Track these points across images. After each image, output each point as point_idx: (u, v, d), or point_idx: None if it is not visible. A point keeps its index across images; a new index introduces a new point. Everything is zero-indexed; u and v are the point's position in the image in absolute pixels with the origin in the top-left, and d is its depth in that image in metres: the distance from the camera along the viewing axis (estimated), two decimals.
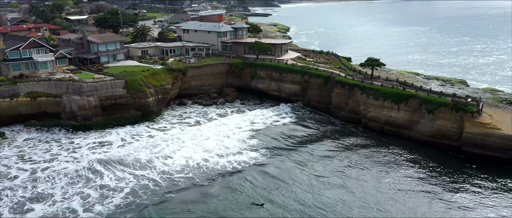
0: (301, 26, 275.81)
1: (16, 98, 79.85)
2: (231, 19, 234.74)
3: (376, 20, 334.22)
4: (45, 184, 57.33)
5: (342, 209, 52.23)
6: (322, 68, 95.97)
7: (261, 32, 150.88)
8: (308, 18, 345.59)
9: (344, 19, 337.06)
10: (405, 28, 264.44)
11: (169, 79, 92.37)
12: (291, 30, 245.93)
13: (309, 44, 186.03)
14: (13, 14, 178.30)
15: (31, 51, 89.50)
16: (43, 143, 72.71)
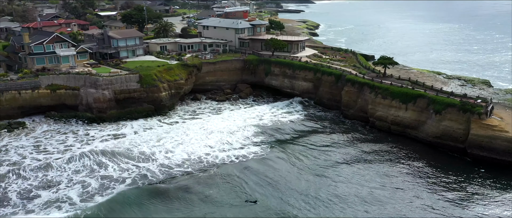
0: (331, 23, 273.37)
1: (37, 90, 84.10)
2: (259, 16, 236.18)
3: (413, 16, 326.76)
4: (54, 173, 60.32)
5: (335, 207, 52.40)
6: (336, 66, 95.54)
7: (283, 29, 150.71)
8: (340, 15, 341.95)
9: (377, 16, 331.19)
10: (441, 25, 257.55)
11: (183, 74, 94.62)
12: (321, 27, 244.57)
13: (335, 41, 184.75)
14: (51, 10, 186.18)
15: (55, 45, 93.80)
16: (60, 135, 75.82)
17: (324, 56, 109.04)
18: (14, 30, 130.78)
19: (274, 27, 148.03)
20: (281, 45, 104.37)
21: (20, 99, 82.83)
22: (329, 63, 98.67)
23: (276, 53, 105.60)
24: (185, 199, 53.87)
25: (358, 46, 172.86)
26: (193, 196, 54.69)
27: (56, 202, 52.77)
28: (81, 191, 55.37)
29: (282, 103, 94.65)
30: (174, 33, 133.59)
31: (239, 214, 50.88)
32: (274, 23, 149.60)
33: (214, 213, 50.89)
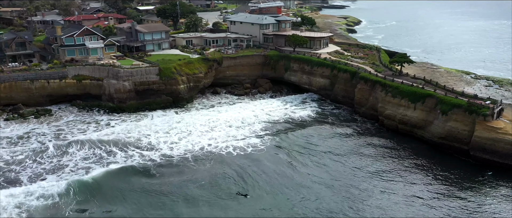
0: (375, 19, 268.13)
1: (64, 80, 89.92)
2: (299, 11, 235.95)
3: (467, 13, 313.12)
4: (65, 158, 64.79)
5: (320, 205, 52.77)
6: (354, 63, 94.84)
7: (315, 25, 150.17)
8: (386, 11, 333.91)
9: (427, 12, 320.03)
10: (492, 22, 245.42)
11: (203, 68, 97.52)
12: (361, 24, 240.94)
13: (372, 38, 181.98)
14: (96, 4, 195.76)
15: (84, 38, 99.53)
16: (82, 124, 79.97)
17: (346, 53, 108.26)
18: (59, 23, 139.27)
19: (305, 23, 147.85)
20: (302, 41, 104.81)
21: (48, 87, 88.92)
22: (348, 60, 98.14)
23: (297, 49, 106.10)
24: (175, 189, 55.99)
25: (396, 43, 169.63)
26: (183, 187, 56.68)
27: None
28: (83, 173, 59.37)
29: (298, 99, 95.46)
30: (204, 27, 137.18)
31: (228, 207, 52.31)
32: (305, 19, 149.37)
33: (202, 204, 52.57)
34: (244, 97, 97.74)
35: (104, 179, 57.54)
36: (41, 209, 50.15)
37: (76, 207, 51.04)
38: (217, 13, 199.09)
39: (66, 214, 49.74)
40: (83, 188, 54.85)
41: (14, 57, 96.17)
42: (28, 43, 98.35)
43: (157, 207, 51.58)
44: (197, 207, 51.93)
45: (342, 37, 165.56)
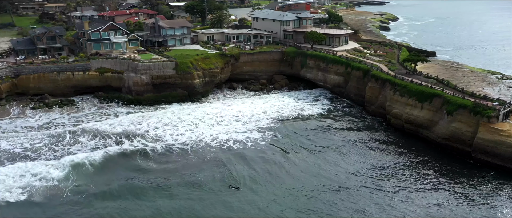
0: (413, 15, 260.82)
1: (88, 72, 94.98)
2: (334, 8, 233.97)
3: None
4: (75, 146, 68.76)
5: (306, 200, 53.54)
6: (369, 61, 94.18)
7: (342, 22, 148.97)
8: (429, 7, 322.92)
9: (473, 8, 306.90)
10: None
11: (219, 63, 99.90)
12: (398, 20, 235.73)
13: (404, 35, 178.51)
14: (133, 0, 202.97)
15: (109, 33, 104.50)
16: (100, 116, 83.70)
17: (365, 50, 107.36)
18: (94, 18, 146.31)
19: (331, 19, 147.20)
20: (320, 38, 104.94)
21: (73, 79, 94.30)
22: (365, 58, 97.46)
23: (316, 46, 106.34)
24: (170, 178, 58.48)
25: (428, 41, 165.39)
26: (178, 176, 59.01)
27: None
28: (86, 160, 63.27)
29: (311, 96, 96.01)
30: (231, 24, 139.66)
31: (217, 198, 53.72)
32: (332, 16, 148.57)
33: (194, 195, 54.58)
34: (259, 93, 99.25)
35: (103, 165, 61.33)
36: (41, 190, 54.19)
37: (74, 189, 54.66)
38: (249, 9, 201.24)
39: (64, 195, 53.40)
40: (82, 173, 58.74)
41: (45, 50, 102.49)
42: (58, 37, 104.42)
43: (144, 193, 54.17)
44: (189, 197, 53.94)
45: (372, 34, 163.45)
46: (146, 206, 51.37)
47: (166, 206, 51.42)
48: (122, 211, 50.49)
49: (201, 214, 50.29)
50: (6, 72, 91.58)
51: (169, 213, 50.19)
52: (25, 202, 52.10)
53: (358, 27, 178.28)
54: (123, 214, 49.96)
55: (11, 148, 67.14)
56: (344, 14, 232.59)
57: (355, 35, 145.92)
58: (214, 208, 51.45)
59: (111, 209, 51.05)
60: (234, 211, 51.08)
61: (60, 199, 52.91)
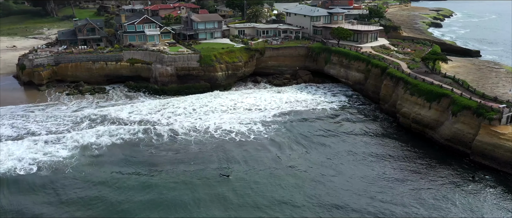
0: (473, 11, 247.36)
1: (120, 62, 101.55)
2: (386, 3, 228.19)
3: None
4: (91, 131, 74.21)
5: (293, 195, 54.74)
6: (391, 58, 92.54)
7: (383, 17, 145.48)
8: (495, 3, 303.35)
9: None
10: None
11: (244, 57, 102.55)
12: (454, 17, 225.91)
13: (453, 32, 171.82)
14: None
15: (144, 26, 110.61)
16: (124, 104, 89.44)
17: (392, 47, 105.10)
18: (142, 11, 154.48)
19: (372, 15, 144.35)
20: (346, 34, 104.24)
21: (106, 68, 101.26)
22: (389, 55, 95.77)
23: (343, 42, 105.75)
24: (166, 165, 61.88)
25: (477, 39, 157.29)
26: (175, 164, 62.09)
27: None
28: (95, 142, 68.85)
29: (330, 92, 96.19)
30: (269, 18, 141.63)
31: (206, 185, 56.03)
32: (372, 12, 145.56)
33: (182, 182, 57.31)
34: (281, 87, 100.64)
35: (108, 149, 66.38)
36: (48, 165, 60.72)
37: (76, 167, 60.45)
38: (293, 4, 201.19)
39: (66, 171, 59.31)
40: (87, 154, 64.45)
41: (85, 41, 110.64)
42: (97, 29, 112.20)
43: (140, 176, 58.25)
44: (181, 182, 57.02)
45: (417, 31, 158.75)
46: (132, 190, 54.78)
47: (153, 189, 54.83)
48: (110, 189, 55.04)
49: (188, 198, 53.22)
50: (48, 60, 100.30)
51: (155, 195, 53.55)
52: (34, 173, 58.80)
53: (405, 23, 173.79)
54: (110, 191, 54.46)
55: (37, 130, 74.01)
56: (395, 10, 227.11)
57: (395, 31, 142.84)
58: (199, 192, 54.30)
59: (102, 185, 56.04)
60: (218, 196, 53.56)
61: (62, 173, 58.81)
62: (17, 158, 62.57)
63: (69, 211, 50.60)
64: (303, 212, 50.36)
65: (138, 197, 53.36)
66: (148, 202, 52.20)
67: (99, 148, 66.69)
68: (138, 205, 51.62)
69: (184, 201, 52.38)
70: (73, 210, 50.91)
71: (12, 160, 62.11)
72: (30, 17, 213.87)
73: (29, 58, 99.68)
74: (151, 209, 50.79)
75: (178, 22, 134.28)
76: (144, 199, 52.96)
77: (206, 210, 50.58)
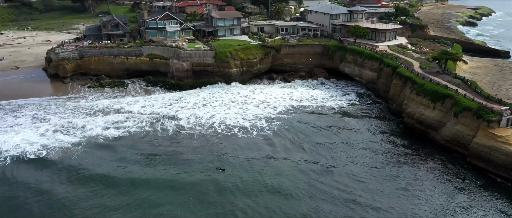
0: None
1: (139, 57, 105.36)
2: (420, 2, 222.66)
3: None
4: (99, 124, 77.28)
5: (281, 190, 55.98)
6: (404, 58, 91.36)
7: (409, 16, 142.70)
8: None
9: None
10: None
11: (259, 54, 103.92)
12: (492, 15, 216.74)
13: (487, 32, 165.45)
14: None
15: (165, 22, 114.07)
16: (139, 96, 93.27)
17: (410, 46, 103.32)
18: (171, 8, 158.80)
19: (398, 14, 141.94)
20: (363, 32, 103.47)
21: (127, 63, 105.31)
22: (404, 55, 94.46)
23: (360, 41, 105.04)
24: (166, 157, 64.09)
25: None
26: (174, 156, 64.29)
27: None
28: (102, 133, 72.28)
29: (342, 90, 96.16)
30: (293, 15, 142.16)
31: (199, 177, 58.11)
32: (399, 10, 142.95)
33: (177, 173, 59.57)
34: (294, 84, 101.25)
35: (114, 140, 69.65)
36: (56, 151, 65.12)
37: (81, 154, 64.28)
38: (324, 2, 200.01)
39: (72, 157, 63.26)
40: (93, 144, 68.01)
41: (109, 36, 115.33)
42: (121, 25, 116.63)
43: (141, 166, 60.95)
44: (179, 173, 59.22)
45: (447, 30, 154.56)
46: (130, 181, 57.31)
47: (151, 180, 57.13)
48: (108, 175, 58.34)
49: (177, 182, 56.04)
50: (72, 54, 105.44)
51: (152, 185, 55.90)
52: (43, 157, 63.48)
53: (437, 22, 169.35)
54: (107, 177, 57.83)
55: (53, 119, 78.41)
56: (430, 8, 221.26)
57: (422, 30, 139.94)
58: (192, 181, 56.74)
59: (101, 171, 59.51)
60: (210, 186, 55.57)
61: (68, 159, 62.94)
62: (30, 143, 67.28)
63: (68, 190, 54.74)
64: (290, 202, 51.43)
65: (130, 181, 56.53)
66: (139, 188, 54.90)
67: (105, 139, 70.09)
68: (128, 188, 54.97)
69: (177, 193, 54.36)
70: (71, 189, 55.01)
71: (25, 144, 66.95)
72: (69, 13, 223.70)
73: (55, 51, 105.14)
74: (139, 195, 53.35)
75: (203, 19, 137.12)
76: (136, 184, 56.07)
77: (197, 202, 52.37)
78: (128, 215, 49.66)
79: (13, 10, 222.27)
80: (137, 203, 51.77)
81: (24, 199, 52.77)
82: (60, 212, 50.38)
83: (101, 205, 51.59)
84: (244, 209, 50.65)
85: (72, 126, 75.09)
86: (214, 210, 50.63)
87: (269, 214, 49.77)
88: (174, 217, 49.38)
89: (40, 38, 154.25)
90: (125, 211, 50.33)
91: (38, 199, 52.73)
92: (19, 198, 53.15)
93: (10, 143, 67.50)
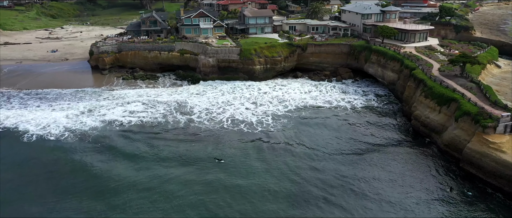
0: None
1: (171, 52, 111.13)
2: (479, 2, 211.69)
3: None
4: (117, 111, 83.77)
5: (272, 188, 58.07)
6: (427, 60, 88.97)
7: (453, 16, 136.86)
8: None
9: None
10: None
11: (284, 52, 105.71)
12: None
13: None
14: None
15: (199, 19, 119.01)
16: (167, 90, 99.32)
17: (439, 48, 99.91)
18: (212, 6, 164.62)
19: (443, 14, 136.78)
20: (390, 32, 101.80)
21: (160, 57, 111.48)
22: (429, 56, 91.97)
23: (387, 41, 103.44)
24: (172, 147, 68.20)
25: None
26: (180, 146, 68.29)
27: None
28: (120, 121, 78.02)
29: (361, 90, 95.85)
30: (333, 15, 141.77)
31: (202, 165, 61.80)
32: (444, 10, 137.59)
33: (182, 161, 63.40)
34: (317, 83, 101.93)
35: (129, 127, 75.41)
36: (76, 133, 72.72)
37: (95, 138, 70.72)
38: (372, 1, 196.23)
39: (86, 141, 69.92)
40: (108, 129, 74.29)
41: (147, 32, 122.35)
42: (159, 21, 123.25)
43: (141, 155, 65.60)
44: (181, 164, 62.80)
45: (496, 32, 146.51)
46: (133, 160, 62.92)
47: (153, 166, 61.51)
48: (116, 158, 64.21)
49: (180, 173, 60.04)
50: (112, 48, 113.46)
51: (154, 171, 60.23)
52: (64, 138, 70.88)
53: (490, 23, 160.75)
54: (115, 160, 63.60)
55: (81, 105, 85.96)
56: (490, 8, 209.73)
57: (467, 32, 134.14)
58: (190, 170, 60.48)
59: (111, 154, 65.42)
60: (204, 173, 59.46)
61: (83, 141, 69.93)
62: (56, 124, 76.03)
63: (75, 165, 62.16)
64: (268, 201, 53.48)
65: (133, 165, 61.94)
66: (140, 171, 59.93)
67: (120, 125, 76.12)
68: (131, 171, 60.22)
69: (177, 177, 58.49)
70: (79, 166, 62.03)
71: (52, 124, 76.29)
72: (128, 9, 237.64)
73: (97, 45, 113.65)
74: (140, 176, 58.26)
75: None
76: (139, 167, 61.45)
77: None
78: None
79: (78, 6, 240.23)
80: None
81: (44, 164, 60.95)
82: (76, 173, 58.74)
83: (110, 171, 59.65)
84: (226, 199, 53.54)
85: (94, 113, 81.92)
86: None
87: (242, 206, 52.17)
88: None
89: (94, 32, 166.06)
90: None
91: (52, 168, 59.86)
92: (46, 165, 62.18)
93: (39, 123, 76.54)
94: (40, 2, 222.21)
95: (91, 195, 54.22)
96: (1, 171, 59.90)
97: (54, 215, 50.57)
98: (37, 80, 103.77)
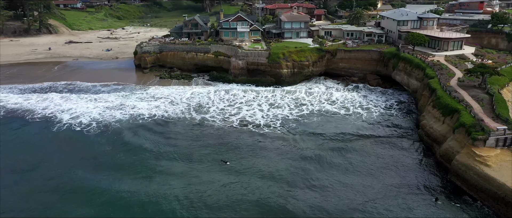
0: None
1: (206, 54, 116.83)
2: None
3: None
4: (143, 107, 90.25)
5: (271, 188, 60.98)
6: (452, 68, 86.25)
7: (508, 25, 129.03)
8: None
9: None
10: None
11: (313, 57, 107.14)
12: None
13: None
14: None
15: (237, 23, 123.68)
16: (197, 89, 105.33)
17: (472, 58, 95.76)
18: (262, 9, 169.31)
19: (495, 21, 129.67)
20: (421, 40, 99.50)
21: (196, 58, 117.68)
22: (457, 66, 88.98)
23: (419, 48, 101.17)
24: (183, 144, 72.43)
25: None
26: (190, 144, 72.35)
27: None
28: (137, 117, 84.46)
29: (384, 97, 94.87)
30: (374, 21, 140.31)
31: (202, 166, 64.97)
32: (496, 17, 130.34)
33: (189, 160, 67.27)
34: (341, 88, 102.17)
35: (153, 122, 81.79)
36: (101, 124, 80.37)
37: (117, 128, 78.14)
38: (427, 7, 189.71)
39: (108, 132, 77.21)
40: (131, 121, 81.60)
41: (188, 34, 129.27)
42: (200, 24, 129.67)
43: (154, 145, 71.15)
44: (186, 162, 66.66)
45: None
46: (145, 153, 68.46)
47: (163, 162, 65.76)
48: (131, 150, 70.14)
49: None
50: (154, 48, 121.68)
51: (163, 166, 64.47)
52: (90, 126, 79.36)
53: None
54: (129, 151, 69.65)
55: (113, 100, 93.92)
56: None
57: None
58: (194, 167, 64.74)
59: (127, 145, 71.87)
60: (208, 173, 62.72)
61: (106, 131, 77.38)
62: (86, 115, 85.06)
63: (92, 153, 69.14)
64: None
65: (144, 156, 67.57)
66: (149, 165, 65.06)
67: (143, 119, 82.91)
68: (140, 162, 65.96)
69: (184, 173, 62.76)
70: (95, 153, 68.82)
71: (83, 115, 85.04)
72: (190, 12, 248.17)
73: (141, 45, 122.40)
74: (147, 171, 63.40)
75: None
76: (150, 160, 66.59)
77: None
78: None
79: (144, 8, 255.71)
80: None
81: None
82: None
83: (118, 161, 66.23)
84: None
85: (122, 107, 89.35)
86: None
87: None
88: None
89: (151, 33, 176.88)
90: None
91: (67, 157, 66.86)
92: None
93: (73, 112, 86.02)
94: (109, 4, 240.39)
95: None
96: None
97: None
98: (84, 75, 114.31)
